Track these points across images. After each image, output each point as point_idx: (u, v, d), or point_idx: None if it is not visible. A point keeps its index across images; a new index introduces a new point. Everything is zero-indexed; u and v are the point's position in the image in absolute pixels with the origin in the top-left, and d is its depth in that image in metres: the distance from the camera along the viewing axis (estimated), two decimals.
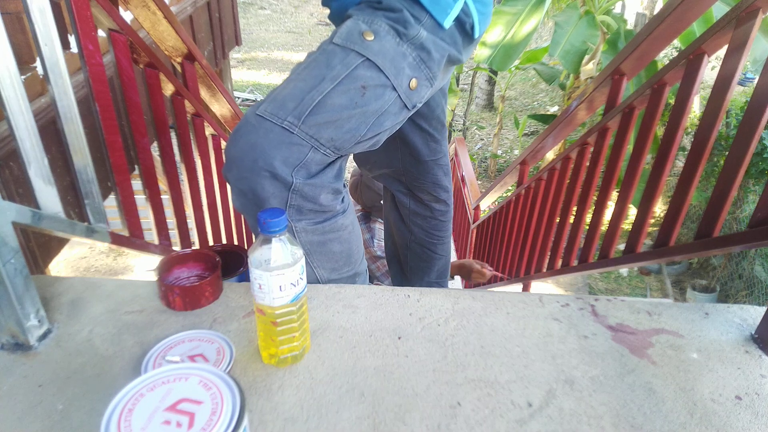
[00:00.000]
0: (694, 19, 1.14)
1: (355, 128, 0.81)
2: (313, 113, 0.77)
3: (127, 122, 1.16)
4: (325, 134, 0.79)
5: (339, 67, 0.79)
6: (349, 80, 0.79)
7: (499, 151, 7.80)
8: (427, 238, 1.42)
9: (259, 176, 0.77)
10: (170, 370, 0.51)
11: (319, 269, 0.91)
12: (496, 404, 0.65)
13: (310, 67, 0.81)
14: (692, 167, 1.08)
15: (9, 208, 0.68)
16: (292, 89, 0.79)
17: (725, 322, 0.80)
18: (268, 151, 0.76)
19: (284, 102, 0.78)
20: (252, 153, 0.77)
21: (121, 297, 0.84)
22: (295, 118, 0.77)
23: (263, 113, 0.77)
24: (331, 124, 0.79)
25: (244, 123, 0.79)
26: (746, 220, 3.70)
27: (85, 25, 0.95)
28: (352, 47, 0.80)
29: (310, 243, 0.87)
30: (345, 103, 0.79)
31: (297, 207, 0.82)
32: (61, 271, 4.84)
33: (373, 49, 0.80)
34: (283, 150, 0.77)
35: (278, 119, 0.77)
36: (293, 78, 0.81)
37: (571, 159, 1.73)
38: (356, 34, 0.81)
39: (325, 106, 0.78)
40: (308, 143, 0.78)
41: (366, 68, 0.80)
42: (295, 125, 0.77)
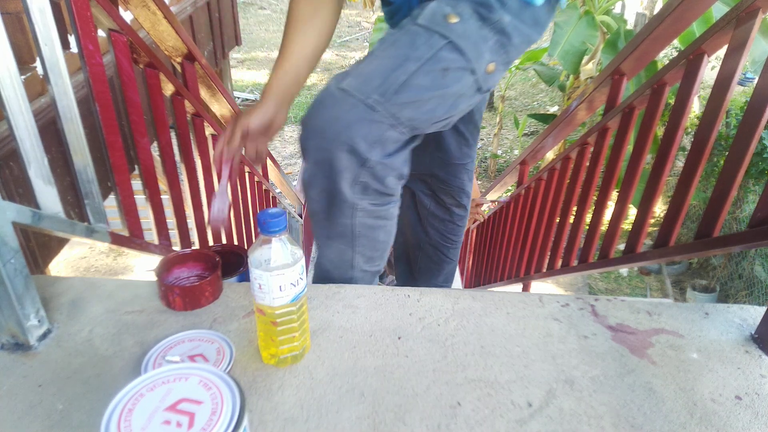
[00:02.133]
0: (694, 19, 1.14)
1: (433, 109, 0.83)
2: (398, 92, 0.78)
3: (127, 122, 1.16)
4: (406, 113, 0.80)
5: (423, 48, 0.80)
6: (432, 62, 0.80)
7: (499, 151, 7.80)
8: (442, 241, 1.42)
9: (339, 149, 0.78)
10: (170, 370, 0.51)
11: (359, 256, 0.93)
12: (496, 404, 0.65)
13: (394, 46, 0.81)
14: (692, 167, 1.08)
15: (9, 208, 0.68)
16: (377, 66, 0.79)
17: (725, 322, 0.80)
18: (351, 125, 0.77)
19: (369, 79, 0.78)
20: (335, 125, 0.78)
21: (121, 297, 0.84)
22: (379, 95, 0.78)
23: (348, 88, 0.78)
24: (412, 104, 0.80)
25: (328, 95, 0.79)
26: (746, 220, 3.70)
27: (85, 25, 0.95)
28: (436, 29, 0.80)
29: (363, 225, 0.89)
30: (427, 84, 0.80)
31: (364, 185, 0.84)
32: (61, 271, 4.83)
33: (456, 32, 0.81)
34: (365, 126, 0.78)
35: (363, 95, 0.77)
36: (377, 55, 0.81)
37: (571, 159, 1.73)
38: (440, 17, 0.81)
39: (408, 86, 0.79)
40: (388, 121, 0.79)
41: (449, 50, 0.80)
42: (379, 103, 0.78)
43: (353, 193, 0.84)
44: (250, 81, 9.94)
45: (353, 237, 0.90)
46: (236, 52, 10.71)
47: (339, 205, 0.86)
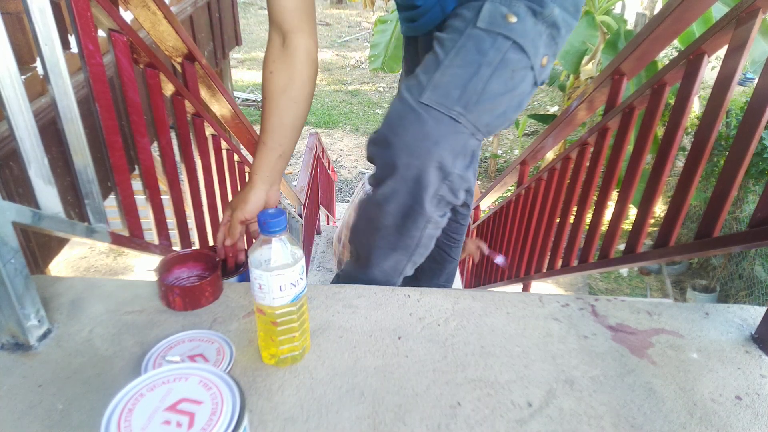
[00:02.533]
0: (693, 20, 1.14)
1: (504, 112, 0.83)
2: (478, 102, 0.78)
3: (127, 122, 1.16)
4: (484, 120, 0.80)
5: (491, 52, 0.79)
6: (502, 66, 0.80)
7: (499, 151, 7.80)
8: (446, 240, 1.42)
9: (430, 165, 0.78)
10: (170, 370, 0.51)
11: (411, 264, 0.94)
12: (496, 404, 0.65)
13: (462, 53, 0.80)
14: (692, 167, 1.08)
15: (9, 208, 0.68)
16: (452, 76, 0.78)
17: (725, 322, 0.80)
18: (440, 141, 0.77)
19: (448, 90, 0.78)
20: (425, 142, 0.77)
21: (121, 297, 0.84)
22: (462, 107, 0.77)
23: (429, 102, 0.77)
24: (489, 111, 0.80)
25: (409, 111, 0.78)
26: (746, 220, 3.70)
27: (85, 25, 0.95)
28: (498, 30, 0.80)
29: (428, 236, 0.90)
30: (500, 89, 0.80)
31: (440, 198, 0.84)
32: (61, 271, 4.84)
33: (517, 32, 0.80)
34: (451, 139, 0.78)
35: (446, 108, 0.77)
36: (447, 64, 0.80)
37: (571, 159, 1.73)
38: (499, 17, 0.80)
39: (486, 93, 0.79)
40: (469, 131, 0.79)
41: (514, 51, 0.81)
42: (462, 114, 0.78)
43: (431, 207, 0.85)
44: (250, 81, 9.93)
45: (416, 247, 0.91)
46: (236, 52, 10.71)
47: (415, 219, 0.86)
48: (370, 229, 0.92)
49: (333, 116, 8.94)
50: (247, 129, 2.03)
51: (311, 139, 3.97)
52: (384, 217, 0.87)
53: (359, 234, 0.96)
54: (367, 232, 0.93)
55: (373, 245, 0.93)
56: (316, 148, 3.95)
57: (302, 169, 3.65)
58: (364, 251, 0.97)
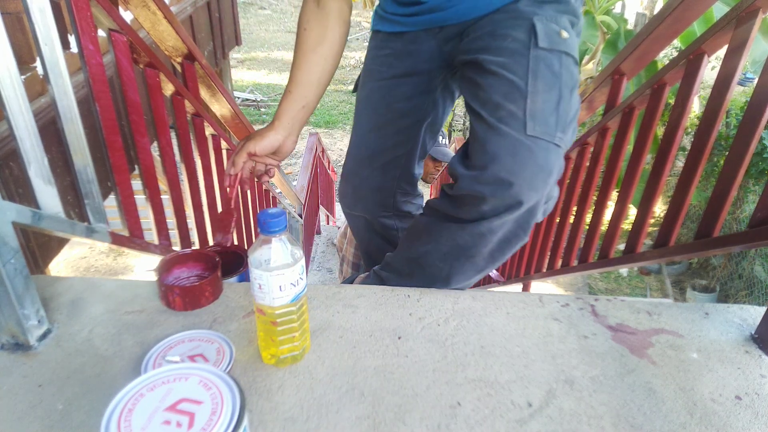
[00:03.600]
0: (694, 19, 1.14)
1: (575, 126, 0.85)
2: (569, 123, 0.81)
3: (127, 122, 1.16)
4: (570, 139, 0.82)
5: (563, 72, 0.81)
6: (573, 82, 0.83)
7: None
8: None
9: (542, 194, 0.79)
10: (170, 370, 0.51)
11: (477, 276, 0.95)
12: (496, 404, 0.65)
13: (539, 77, 0.80)
14: (692, 167, 1.08)
15: (9, 208, 0.68)
16: (543, 103, 0.79)
17: (725, 322, 0.80)
18: (554, 170, 0.79)
19: (546, 118, 0.78)
20: (543, 175, 0.78)
21: (121, 297, 0.84)
22: (561, 133, 0.79)
23: (536, 134, 0.77)
24: (573, 129, 0.83)
25: (519, 145, 0.77)
26: (746, 220, 3.70)
27: (85, 25, 0.95)
28: (560, 49, 0.82)
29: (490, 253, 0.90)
30: (576, 104, 0.83)
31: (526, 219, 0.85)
32: (61, 271, 4.84)
33: (571, 46, 0.83)
34: (558, 165, 0.80)
35: (550, 137, 0.78)
36: (531, 90, 0.79)
37: (571, 159, 1.73)
38: (555, 35, 0.82)
39: (571, 112, 0.81)
40: (564, 151, 0.81)
41: (574, 65, 0.84)
42: (562, 140, 0.79)
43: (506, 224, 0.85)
44: (250, 81, 9.94)
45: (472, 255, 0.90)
46: (236, 52, 10.71)
47: (515, 244, 0.88)
48: (459, 255, 0.90)
49: (333, 116, 8.95)
50: (247, 129, 2.03)
51: (311, 139, 3.97)
52: (484, 246, 0.87)
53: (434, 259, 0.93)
54: (451, 257, 0.91)
55: (458, 270, 0.92)
56: (316, 148, 3.95)
57: (302, 169, 3.65)
58: (437, 272, 0.94)
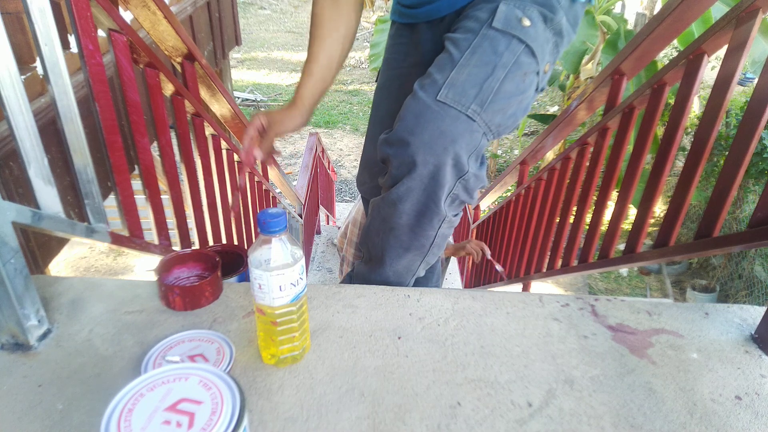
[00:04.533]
0: (693, 20, 1.14)
1: (514, 113, 0.84)
2: (492, 101, 0.79)
3: (127, 122, 1.16)
4: (496, 120, 0.81)
5: (507, 54, 0.80)
6: (515, 67, 0.81)
7: (499, 151, 7.80)
8: None
9: (446, 163, 0.79)
10: (170, 370, 0.51)
11: (424, 264, 0.95)
12: (496, 404, 0.65)
13: (476, 52, 0.81)
14: (692, 167, 1.08)
15: (9, 208, 0.68)
16: (468, 75, 0.79)
17: (725, 322, 0.80)
18: (457, 138, 0.78)
19: (464, 89, 0.78)
20: (442, 140, 0.78)
21: (121, 297, 0.84)
22: (478, 105, 0.78)
23: (445, 99, 0.78)
24: (501, 111, 0.81)
25: (425, 108, 0.79)
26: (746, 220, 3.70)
27: (85, 25, 0.95)
28: (513, 33, 0.81)
29: (441, 236, 0.90)
30: (513, 90, 0.82)
31: (453, 197, 0.85)
32: (61, 271, 4.84)
33: (530, 36, 0.82)
34: (466, 138, 0.79)
35: (462, 106, 0.78)
36: (463, 63, 0.81)
37: (571, 159, 1.73)
38: (514, 20, 0.81)
39: (500, 93, 0.80)
40: (482, 130, 0.80)
41: (526, 55, 0.82)
42: (477, 113, 0.78)
43: (445, 206, 0.85)
44: (250, 81, 9.94)
45: (430, 247, 0.91)
46: (236, 52, 10.71)
47: (430, 218, 0.86)
48: (384, 229, 0.92)
49: (333, 116, 8.94)
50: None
51: (311, 139, 3.97)
52: (399, 217, 0.88)
53: (372, 234, 0.96)
54: (380, 232, 0.93)
55: (387, 245, 0.94)
56: (316, 148, 3.94)
57: (302, 169, 3.65)
58: (377, 252, 0.97)
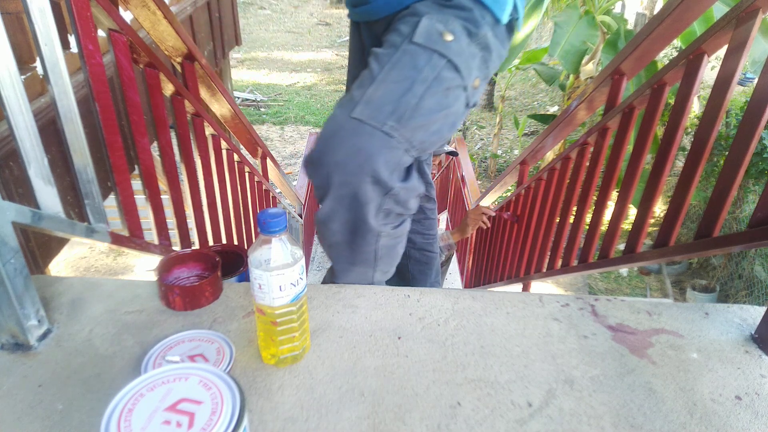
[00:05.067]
0: (693, 20, 1.14)
1: (439, 130, 0.83)
2: (410, 117, 0.78)
3: (127, 122, 1.16)
4: (418, 137, 0.80)
5: (427, 69, 0.79)
6: (436, 83, 0.80)
7: (499, 151, 7.81)
8: (425, 240, 1.42)
9: (364, 181, 0.77)
10: (170, 370, 0.51)
11: (378, 273, 0.93)
12: (496, 404, 0.65)
13: (396, 67, 0.80)
14: (692, 167, 1.08)
15: (9, 208, 0.68)
16: (385, 92, 0.78)
17: (725, 322, 0.80)
18: (373, 155, 0.76)
19: (380, 105, 0.77)
20: (357, 158, 0.76)
21: (121, 297, 0.84)
22: (394, 121, 0.77)
23: (360, 117, 0.76)
24: (422, 127, 0.80)
25: (339, 127, 0.78)
26: (746, 220, 3.70)
27: (85, 25, 0.95)
28: (435, 48, 0.80)
29: (385, 247, 0.89)
30: (434, 105, 0.80)
31: (387, 211, 0.83)
32: (61, 271, 4.84)
33: (453, 51, 0.81)
34: (385, 154, 0.77)
35: (378, 123, 0.76)
36: (381, 79, 0.79)
37: (571, 159, 1.73)
38: (436, 35, 0.80)
39: (419, 109, 0.78)
40: (403, 146, 0.79)
41: (448, 70, 0.81)
42: (395, 129, 0.77)
43: (377, 221, 0.84)
44: (250, 81, 9.94)
45: (376, 259, 0.90)
46: (236, 52, 10.71)
47: (363, 235, 0.85)
48: (325, 245, 0.92)
49: None
50: (247, 129, 2.03)
51: (311, 138, 3.98)
52: (332, 235, 0.87)
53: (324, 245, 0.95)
54: (325, 245, 0.93)
55: (334, 260, 0.93)
56: None
57: (302, 169, 3.64)
58: (331, 260, 0.96)
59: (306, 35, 12.62)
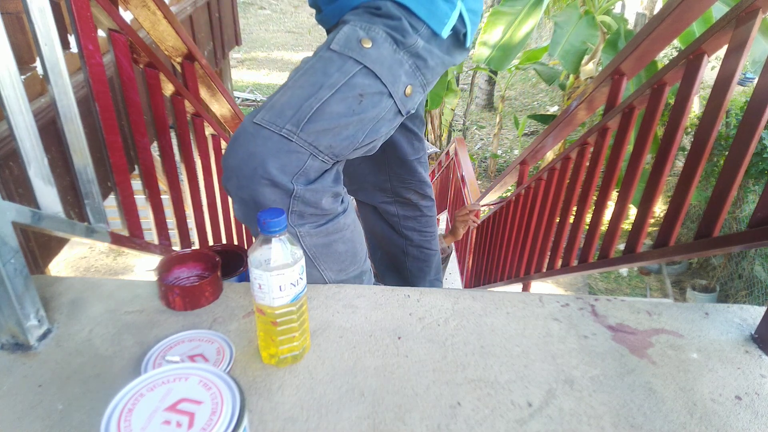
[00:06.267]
0: (693, 20, 1.14)
1: (353, 135, 0.82)
2: (312, 121, 0.77)
3: (127, 122, 1.16)
4: (324, 141, 0.79)
5: (337, 74, 0.79)
6: (346, 88, 0.79)
7: (498, 151, 7.81)
8: (422, 238, 1.43)
9: (259, 185, 0.77)
10: (170, 370, 0.51)
11: (327, 271, 0.91)
12: (496, 404, 0.65)
13: (307, 74, 0.80)
14: (692, 167, 1.08)
15: (9, 208, 0.68)
16: (290, 97, 0.79)
17: (725, 322, 0.80)
18: (266, 159, 0.76)
19: (282, 110, 0.77)
20: (251, 162, 0.76)
21: (121, 297, 0.84)
22: (293, 125, 0.77)
23: (260, 121, 0.77)
24: (329, 132, 0.79)
25: (242, 132, 0.79)
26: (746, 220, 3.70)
27: (85, 25, 0.95)
28: (350, 54, 0.80)
29: (315, 246, 0.87)
30: (343, 110, 0.79)
31: (299, 212, 0.82)
32: (61, 271, 4.84)
33: (370, 57, 0.80)
34: (282, 157, 0.77)
35: (276, 127, 0.76)
36: (290, 85, 0.80)
37: (571, 159, 1.73)
38: (354, 41, 0.80)
39: (323, 113, 0.78)
40: (307, 150, 0.78)
41: (363, 76, 0.80)
42: (293, 133, 0.77)
43: (290, 223, 0.83)
44: (250, 81, 9.94)
45: (311, 259, 0.88)
46: (236, 52, 10.72)
47: None
48: None
49: None
50: None
51: None
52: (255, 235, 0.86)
53: None
54: None
55: None
56: None
57: None
58: None
59: (306, 35, 12.62)
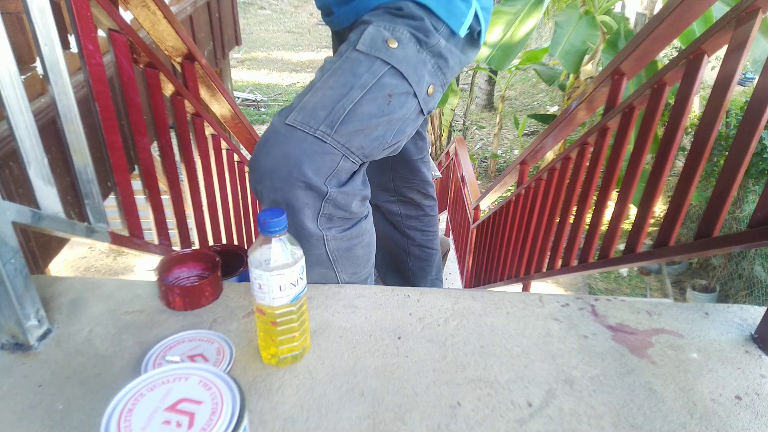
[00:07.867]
0: (694, 19, 1.14)
1: (382, 135, 0.82)
2: (345, 122, 0.78)
3: (127, 122, 1.16)
4: (356, 142, 0.80)
5: (366, 75, 0.79)
6: (376, 88, 0.79)
7: (499, 151, 7.81)
8: (424, 237, 1.43)
9: (294, 187, 0.77)
10: (170, 370, 0.51)
11: (342, 274, 0.91)
12: (496, 404, 0.65)
13: (335, 74, 0.80)
14: (692, 167, 1.08)
15: (9, 208, 0.68)
16: (321, 98, 0.78)
17: (725, 322, 0.80)
18: (302, 161, 0.76)
19: (315, 111, 0.77)
20: (286, 164, 0.76)
21: (121, 297, 0.84)
22: (327, 127, 0.77)
23: (293, 123, 0.77)
24: (360, 132, 0.80)
25: (273, 133, 0.78)
26: (746, 220, 3.70)
27: (85, 25, 0.95)
28: (377, 55, 0.80)
29: (338, 250, 0.88)
30: (373, 111, 0.80)
31: (328, 216, 0.83)
32: (61, 271, 4.84)
33: (397, 57, 0.81)
34: (317, 160, 0.77)
35: (310, 129, 0.76)
36: (319, 86, 0.80)
37: (571, 159, 1.73)
38: (380, 42, 0.81)
39: (355, 114, 0.78)
40: (340, 152, 0.79)
41: (391, 76, 0.81)
42: (327, 134, 0.77)
43: (318, 226, 0.83)
44: (250, 81, 9.94)
45: (332, 262, 0.89)
46: (236, 52, 10.71)
47: (307, 239, 0.85)
48: None
49: None
50: (247, 129, 2.03)
51: None
52: None
53: None
54: None
55: None
56: None
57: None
58: None
59: (306, 35, 12.62)
